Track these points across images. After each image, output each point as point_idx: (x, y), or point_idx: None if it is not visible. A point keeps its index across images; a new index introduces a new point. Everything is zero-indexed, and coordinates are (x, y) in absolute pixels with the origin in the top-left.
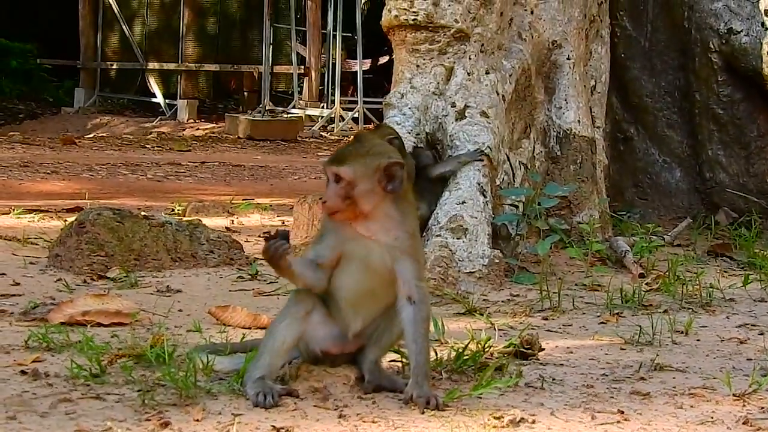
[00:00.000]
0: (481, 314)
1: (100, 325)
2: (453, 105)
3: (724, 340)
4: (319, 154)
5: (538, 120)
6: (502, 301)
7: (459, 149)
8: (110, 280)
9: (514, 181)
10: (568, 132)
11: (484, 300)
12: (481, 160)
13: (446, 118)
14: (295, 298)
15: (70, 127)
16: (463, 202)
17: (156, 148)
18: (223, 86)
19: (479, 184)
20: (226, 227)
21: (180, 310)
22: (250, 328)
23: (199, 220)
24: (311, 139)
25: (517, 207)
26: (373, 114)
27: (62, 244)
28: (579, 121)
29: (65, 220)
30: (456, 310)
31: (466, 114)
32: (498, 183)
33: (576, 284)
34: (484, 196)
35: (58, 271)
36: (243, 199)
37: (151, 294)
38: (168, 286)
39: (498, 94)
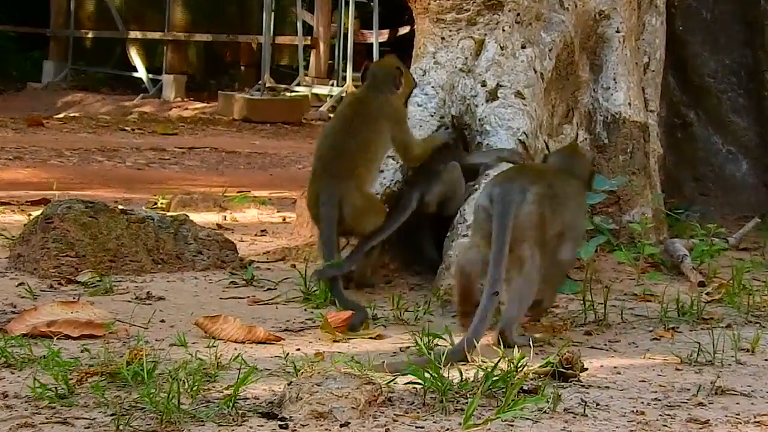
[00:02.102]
0: None
1: (68, 337)
2: (483, 84)
3: None
4: None
5: (582, 102)
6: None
7: (490, 135)
8: (81, 285)
9: None
10: (617, 116)
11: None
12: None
13: (475, 99)
14: None
15: (37, 106)
16: None
17: (137, 131)
18: (216, 59)
19: None
20: (218, 224)
21: (162, 321)
22: (244, 342)
23: (186, 215)
24: (318, 122)
25: None
26: None
27: (25, 243)
28: (629, 103)
29: (29, 215)
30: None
31: (499, 94)
32: None
33: (625, 293)
34: None
35: (20, 274)
36: (238, 192)
37: (129, 301)
38: (148, 292)
39: (536, 71)
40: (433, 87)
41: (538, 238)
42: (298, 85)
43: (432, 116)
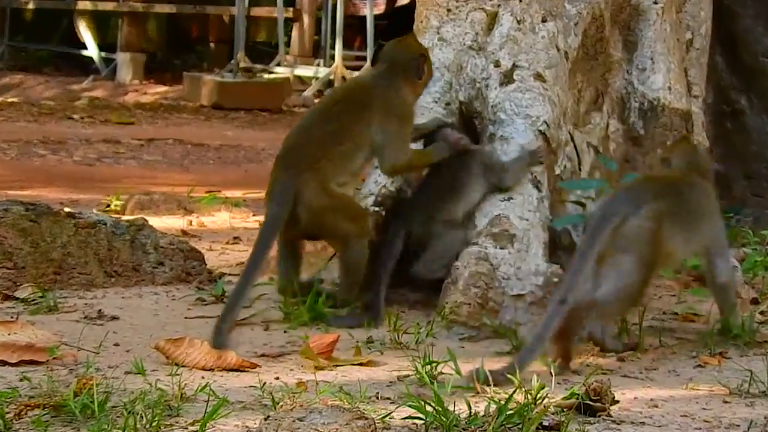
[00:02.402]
0: None
1: (4, 363)
2: (497, 64)
3: None
4: None
5: (613, 86)
6: None
7: (504, 125)
8: (20, 302)
9: (579, 170)
10: (655, 102)
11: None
12: (541, 162)
13: (487, 82)
14: None
15: None
16: (510, 199)
17: (86, 120)
18: (181, 35)
19: (532, 174)
20: (182, 230)
21: (116, 345)
22: (212, 369)
23: (145, 219)
24: (302, 109)
25: (583, 205)
26: None
27: None
28: (669, 87)
29: None
30: (498, 347)
31: (515, 76)
32: (558, 172)
33: (664, 312)
34: (539, 190)
35: None
36: (206, 192)
37: (77, 321)
38: (100, 310)
39: (559, 49)
40: (437, 68)
41: (647, 256)
42: (278, 65)
43: (436, 102)
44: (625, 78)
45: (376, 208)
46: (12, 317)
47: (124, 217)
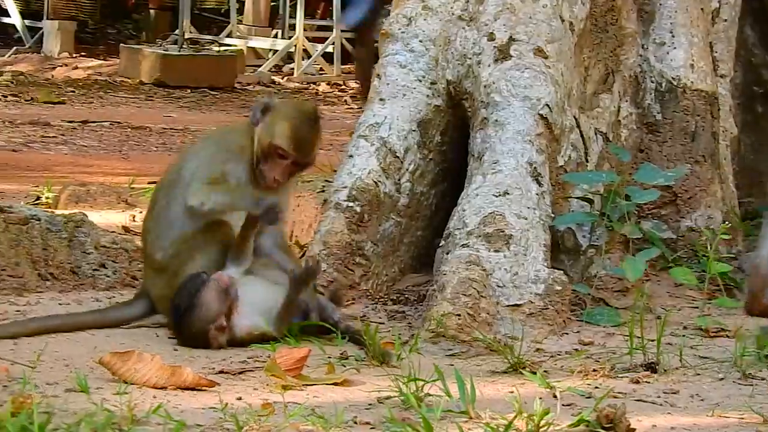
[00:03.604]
0: (533, 372)
1: None
2: (490, 37)
3: None
4: None
5: (626, 63)
6: (567, 353)
7: (499, 108)
8: None
9: (586, 161)
10: (675, 83)
11: (537, 350)
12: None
13: (479, 58)
14: None
15: None
16: (505, 193)
17: (10, 99)
18: (117, 0)
19: (531, 165)
20: (124, 226)
21: (56, 359)
22: (165, 387)
23: (84, 214)
24: (257, 87)
25: (591, 202)
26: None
27: None
28: (692, 65)
29: None
30: (493, 366)
31: (512, 52)
32: (561, 163)
33: (686, 326)
34: (539, 184)
35: None
36: (149, 183)
37: None
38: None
39: (563, 20)
40: (421, 41)
41: None
42: (229, 36)
43: (420, 81)
44: (639, 54)
45: (350, 204)
46: None
47: (58, 212)
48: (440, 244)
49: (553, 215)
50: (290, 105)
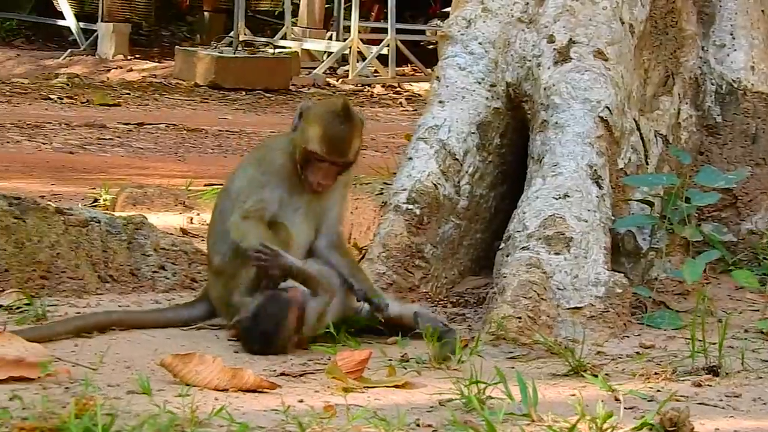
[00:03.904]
0: (595, 375)
1: None
2: (550, 39)
3: None
4: None
5: (686, 66)
6: (628, 356)
7: (559, 110)
8: (3, 310)
9: (646, 163)
10: (735, 85)
11: (598, 353)
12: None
13: (539, 60)
14: None
15: None
16: (566, 196)
17: (66, 101)
18: (171, 2)
19: (591, 167)
20: (182, 228)
21: (117, 361)
22: (227, 389)
23: (144, 217)
24: (312, 89)
25: (651, 205)
26: (412, 50)
27: None
28: (753, 67)
29: None
30: (554, 368)
31: (572, 54)
32: (621, 165)
33: (747, 330)
34: (599, 187)
35: None
36: (205, 184)
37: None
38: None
39: (623, 22)
40: (480, 43)
41: None
42: (284, 38)
43: (479, 83)
44: (699, 56)
45: (410, 206)
46: None
47: (117, 214)
48: (500, 247)
49: (613, 218)
50: (320, 106)
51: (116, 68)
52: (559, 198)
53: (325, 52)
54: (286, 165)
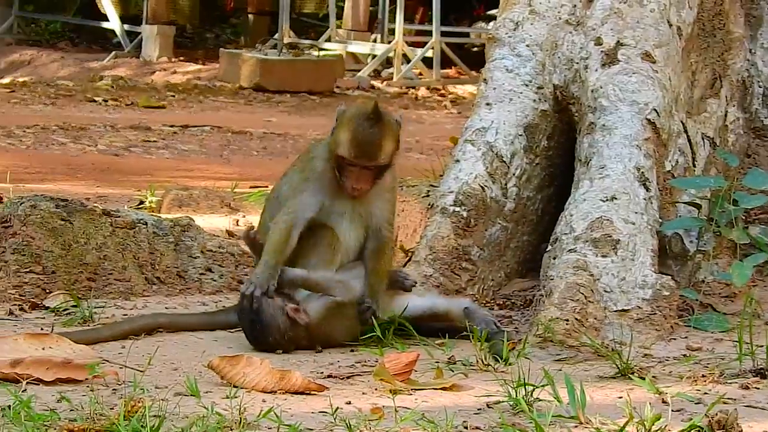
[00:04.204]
0: (642, 378)
1: (40, 381)
2: (598, 42)
3: None
4: None
5: (733, 68)
6: (675, 358)
7: (607, 112)
8: (50, 312)
9: (693, 166)
10: None
11: (645, 355)
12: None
13: (587, 63)
14: None
15: None
16: (613, 198)
17: (110, 102)
18: (215, 4)
19: (639, 170)
20: (228, 231)
21: (164, 363)
22: (275, 391)
23: (190, 218)
24: (356, 91)
25: (698, 207)
26: (457, 52)
27: None
28: None
29: None
30: (601, 371)
31: (620, 56)
32: (668, 168)
33: None
34: (647, 189)
35: None
36: (250, 186)
37: None
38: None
39: (671, 25)
40: (528, 45)
41: None
42: (328, 40)
43: (526, 86)
44: (747, 59)
45: (457, 208)
46: (45, 329)
47: (164, 216)
48: (547, 249)
49: (660, 220)
50: (351, 110)
51: (160, 70)
52: (607, 200)
53: (369, 54)
54: (326, 171)
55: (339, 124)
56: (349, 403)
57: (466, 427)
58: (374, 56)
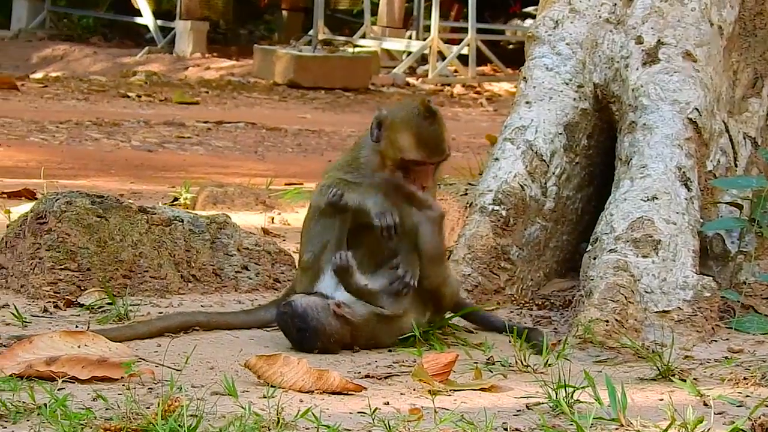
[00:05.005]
0: (683, 380)
1: (75, 380)
2: (639, 40)
3: None
4: None
5: None
6: (716, 360)
7: (647, 111)
8: (85, 309)
9: (735, 165)
10: None
11: (686, 357)
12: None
13: (627, 61)
14: None
15: (5, 61)
16: (654, 198)
17: (144, 98)
18: (250, 1)
19: (680, 169)
20: (263, 228)
21: (200, 362)
22: (312, 391)
23: (226, 215)
24: (392, 88)
25: (740, 207)
26: (492, 49)
27: (9, 250)
28: None
29: (8, 211)
30: (642, 372)
31: (660, 55)
32: (710, 168)
33: None
34: (688, 189)
35: (3, 293)
36: (285, 183)
37: None
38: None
39: (712, 24)
40: (568, 44)
41: None
42: (363, 37)
43: (567, 84)
44: None
45: (496, 207)
46: (80, 327)
47: (200, 213)
48: (587, 249)
49: (701, 220)
50: (403, 111)
51: (194, 66)
52: (648, 200)
53: (404, 51)
54: (376, 175)
55: (393, 128)
56: (388, 403)
57: (505, 429)
58: (409, 53)
